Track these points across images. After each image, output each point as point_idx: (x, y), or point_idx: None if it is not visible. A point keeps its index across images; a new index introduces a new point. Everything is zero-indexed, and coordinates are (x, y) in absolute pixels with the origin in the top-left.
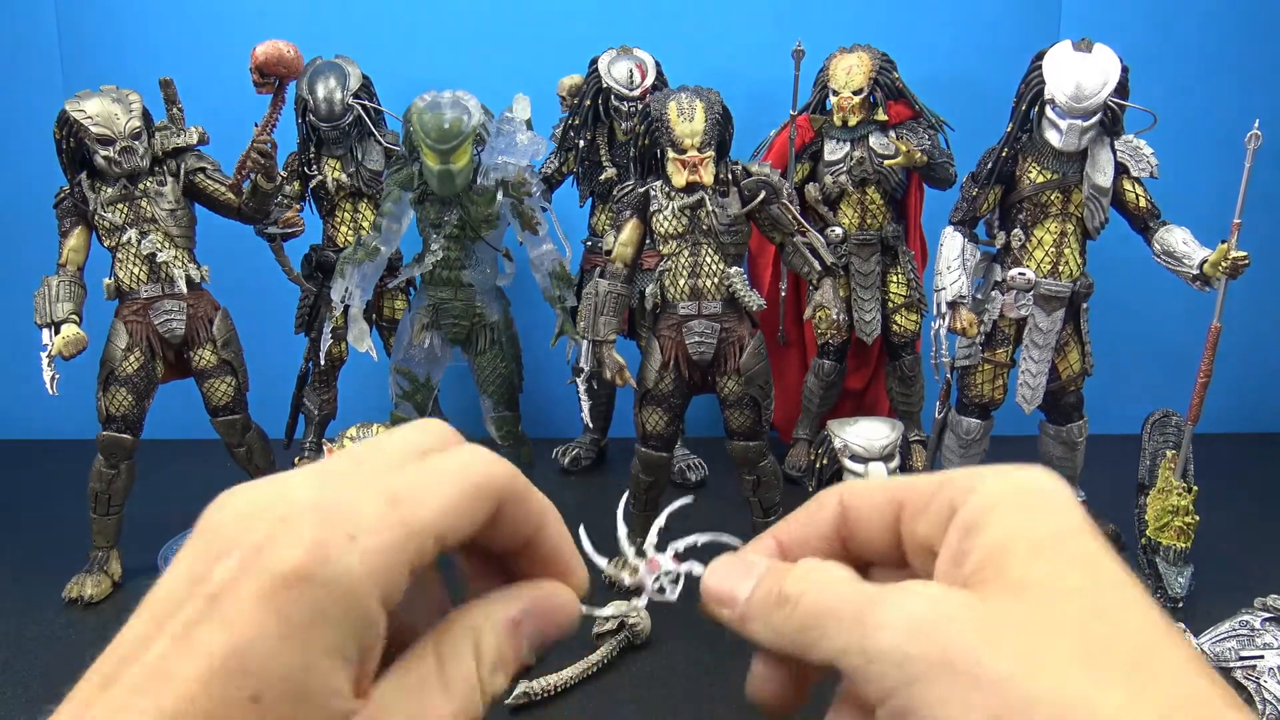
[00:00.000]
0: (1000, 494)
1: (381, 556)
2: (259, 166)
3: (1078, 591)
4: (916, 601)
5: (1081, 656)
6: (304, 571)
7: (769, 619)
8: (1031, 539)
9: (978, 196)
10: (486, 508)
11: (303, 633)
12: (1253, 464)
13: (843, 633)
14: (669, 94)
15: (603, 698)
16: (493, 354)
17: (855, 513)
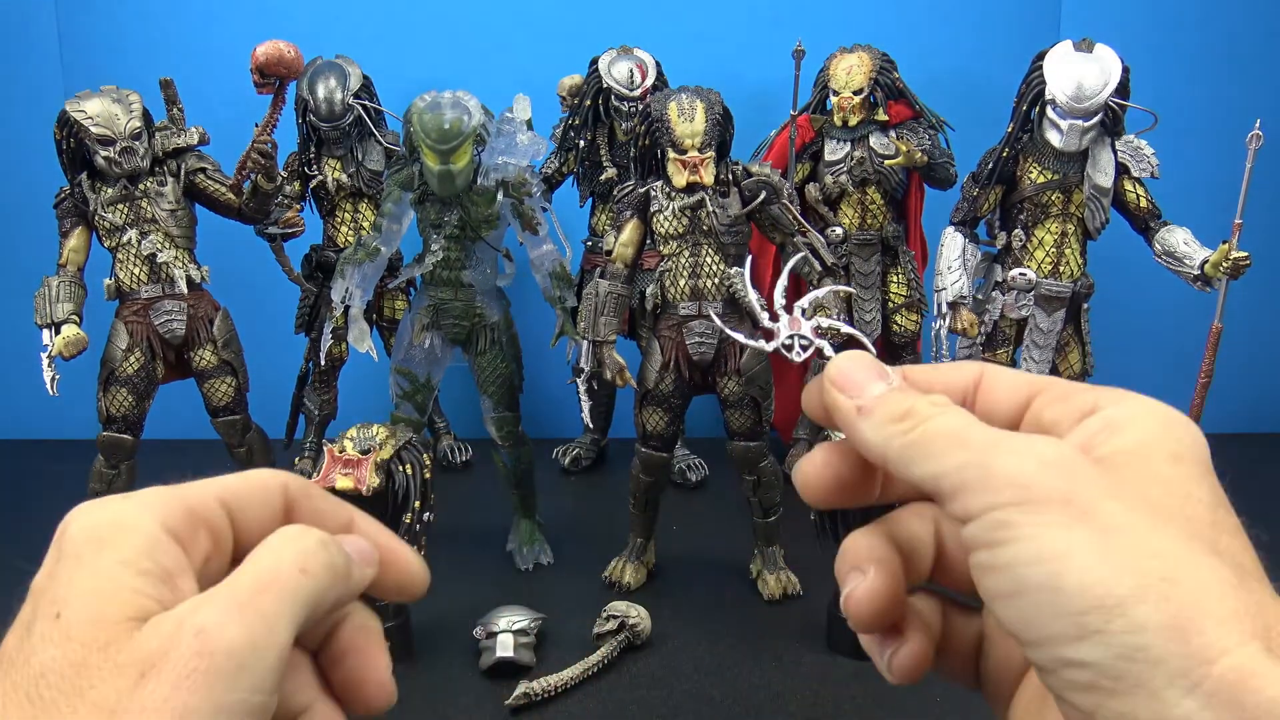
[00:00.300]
0: (1149, 411)
1: (155, 497)
2: (259, 167)
3: (1203, 502)
4: (1051, 446)
5: (1195, 541)
6: (85, 522)
7: (886, 425)
8: (1174, 452)
9: (978, 197)
10: (270, 490)
11: (91, 560)
12: (1254, 464)
13: (967, 454)
14: (669, 94)
15: (603, 698)
16: (493, 354)
17: (992, 384)
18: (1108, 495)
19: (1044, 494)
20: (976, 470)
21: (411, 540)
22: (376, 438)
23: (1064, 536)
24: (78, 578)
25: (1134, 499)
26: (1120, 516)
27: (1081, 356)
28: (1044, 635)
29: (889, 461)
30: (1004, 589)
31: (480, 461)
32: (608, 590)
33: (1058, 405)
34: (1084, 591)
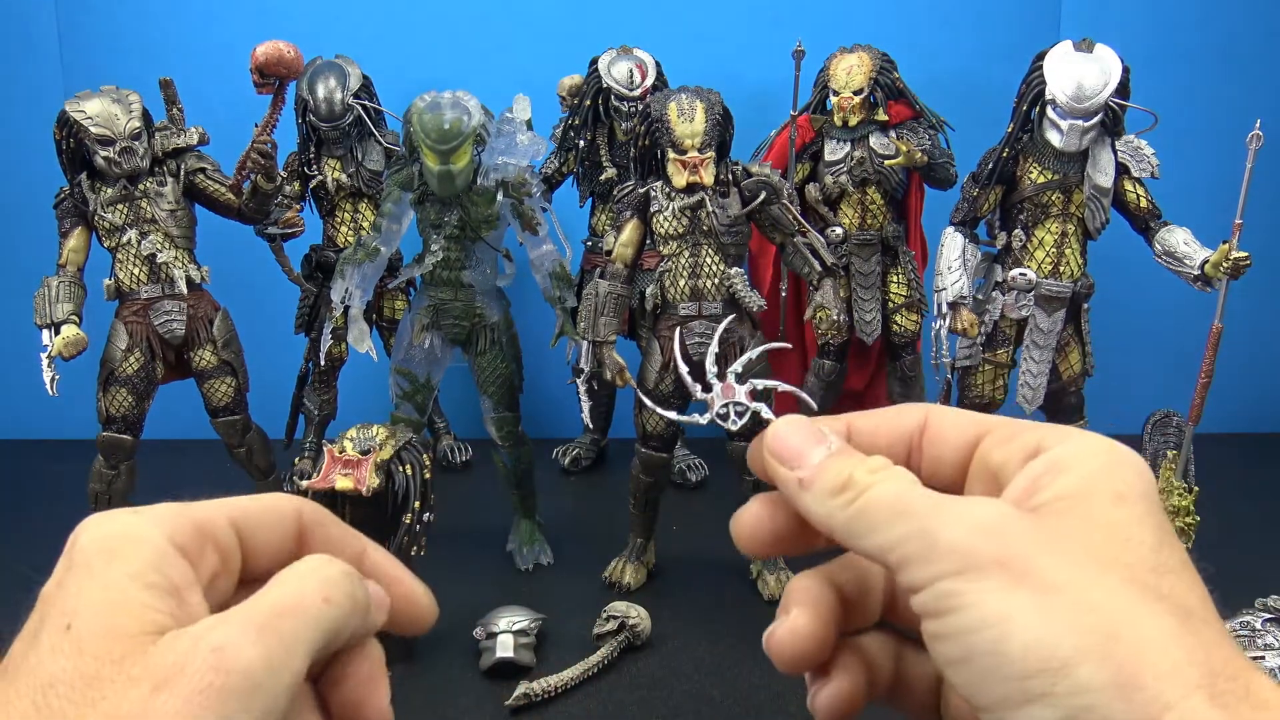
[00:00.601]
0: (1095, 449)
1: (166, 511)
2: (259, 167)
3: (1146, 545)
4: (987, 508)
5: (1139, 589)
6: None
7: (829, 499)
8: (1117, 491)
9: (978, 197)
10: (283, 515)
11: (102, 571)
12: (1254, 464)
13: (906, 525)
14: (669, 94)
15: (603, 699)
16: (493, 354)
17: (938, 427)
18: (1045, 552)
19: (983, 560)
20: (918, 541)
21: (411, 540)
22: (376, 438)
23: (1004, 600)
24: (87, 589)
25: (1073, 551)
26: (1058, 573)
27: (1082, 356)
28: (993, 700)
29: (836, 535)
30: (952, 656)
31: (480, 461)
32: (608, 590)
33: (1004, 446)
34: (1027, 655)
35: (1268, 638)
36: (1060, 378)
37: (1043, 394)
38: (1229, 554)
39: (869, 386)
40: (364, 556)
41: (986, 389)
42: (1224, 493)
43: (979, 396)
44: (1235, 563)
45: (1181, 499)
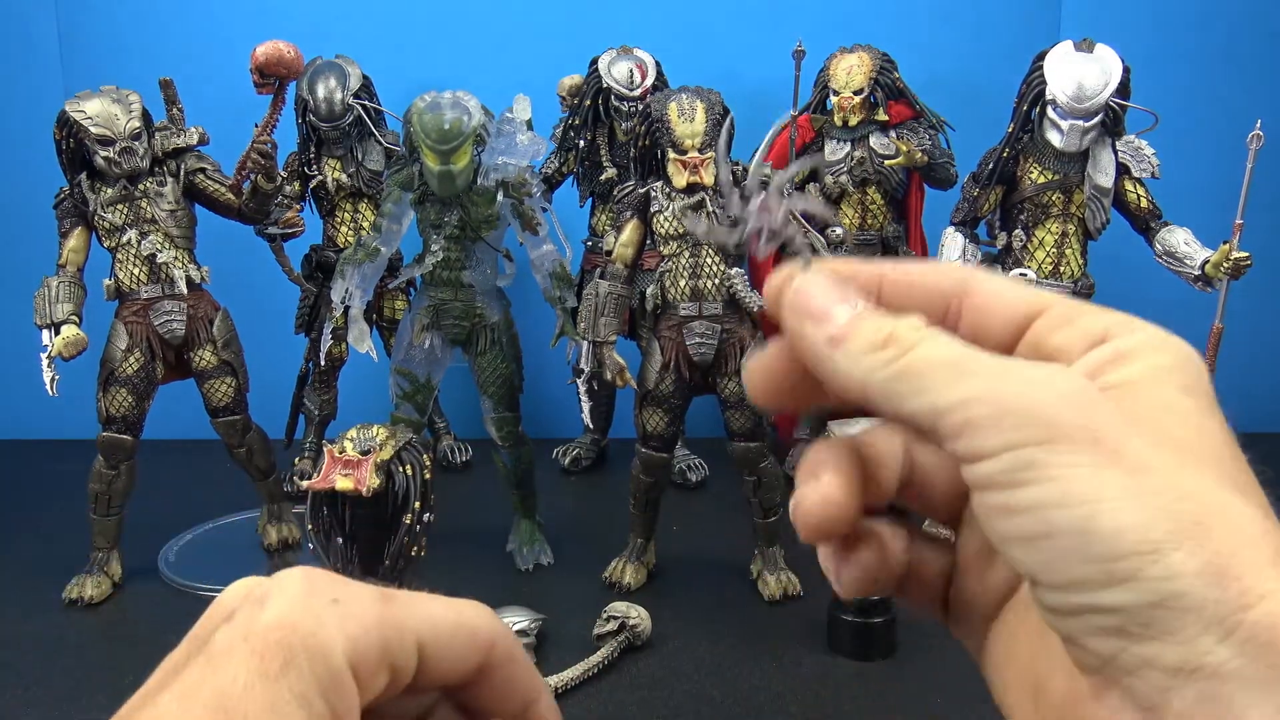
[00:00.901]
0: (1160, 342)
1: (357, 623)
2: (259, 167)
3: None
4: (1068, 376)
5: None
6: (284, 620)
7: (864, 356)
8: (1184, 384)
9: (979, 197)
10: (474, 646)
11: (275, 677)
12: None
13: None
14: (669, 94)
15: (603, 699)
16: (493, 355)
17: (984, 296)
18: (1132, 430)
19: (1071, 430)
20: (987, 406)
21: (412, 540)
22: (376, 438)
23: (1095, 477)
24: (250, 693)
25: (1155, 434)
26: (1147, 455)
27: None
28: (1069, 580)
29: (872, 398)
30: (1026, 532)
31: (480, 462)
32: (608, 590)
33: (1064, 329)
34: (1119, 536)
35: None
36: None
37: None
38: None
39: None
40: (534, 707)
41: None
42: None
43: None
44: None
45: None
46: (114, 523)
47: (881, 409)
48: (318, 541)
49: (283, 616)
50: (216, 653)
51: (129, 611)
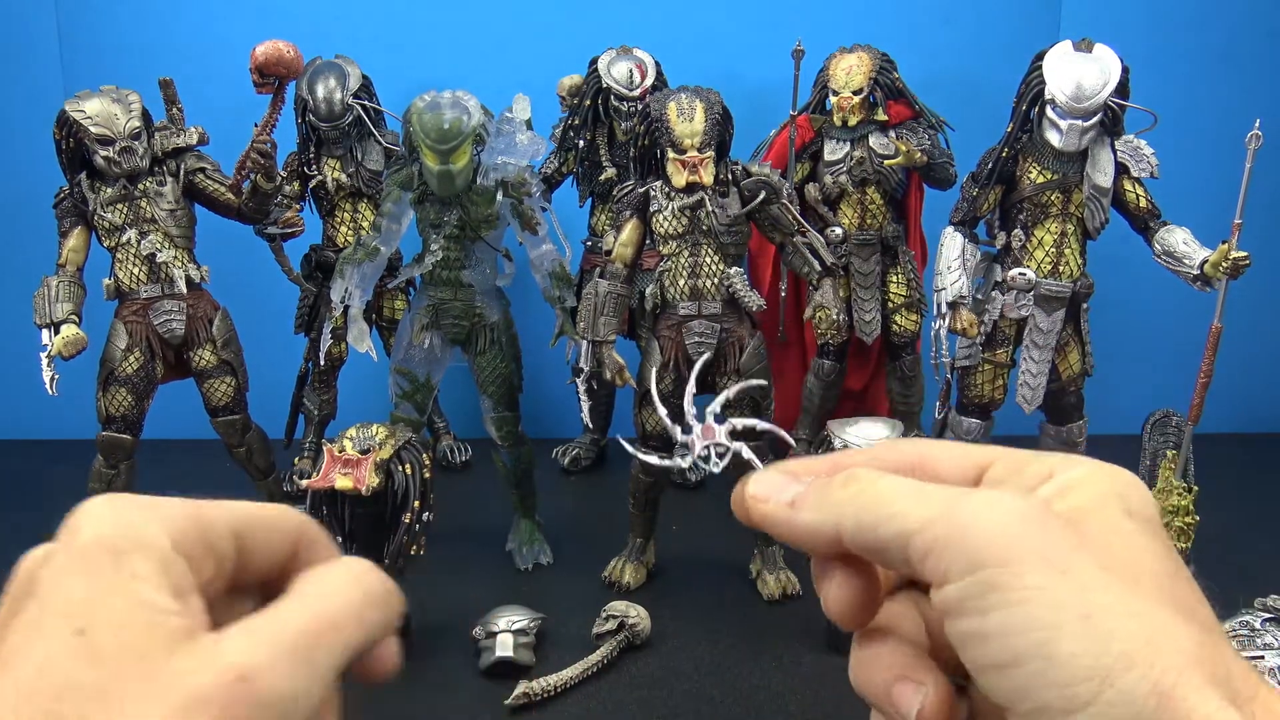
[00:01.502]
0: (1103, 473)
1: (172, 519)
2: (259, 166)
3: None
4: (1018, 498)
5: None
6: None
7: (829, 497)
8: (1126, 509)
9: (978, 197)
10: (283, 532)
11: (112, 571)
12: (1253, 464)
13: (928, 509)
14: (669, 94)
15: (603, 698)
16: (492, 354)
17: (935, 461)
18: (1079, 552)
19: (1023, 552)
20: (947, 527)
21: (411, 540)
22: (376, 437)
23: (1050, 600)
24: (99, 593)
25: (1102, 555)
26: (1094, 576)
27: (1081, 356)
28: (1036, 706)
29: (847, 535)
30: (995, 659)
31: (480, 461)
32: (607, 590)
33: (1013, 479)
34: (1074, 661)
35: (1266, 637)
36: (1060, 377)
37: (1042, 394)
38: (1229, 554)
39: (868, 386)
40: None
41: (986, 389)
42: (1224, 493)
43: (978, 396)
44: (1235, 562)
45: (1181, 499)
46: None
47: (857, 543)
48: None
49: (99, 532)
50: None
51: None
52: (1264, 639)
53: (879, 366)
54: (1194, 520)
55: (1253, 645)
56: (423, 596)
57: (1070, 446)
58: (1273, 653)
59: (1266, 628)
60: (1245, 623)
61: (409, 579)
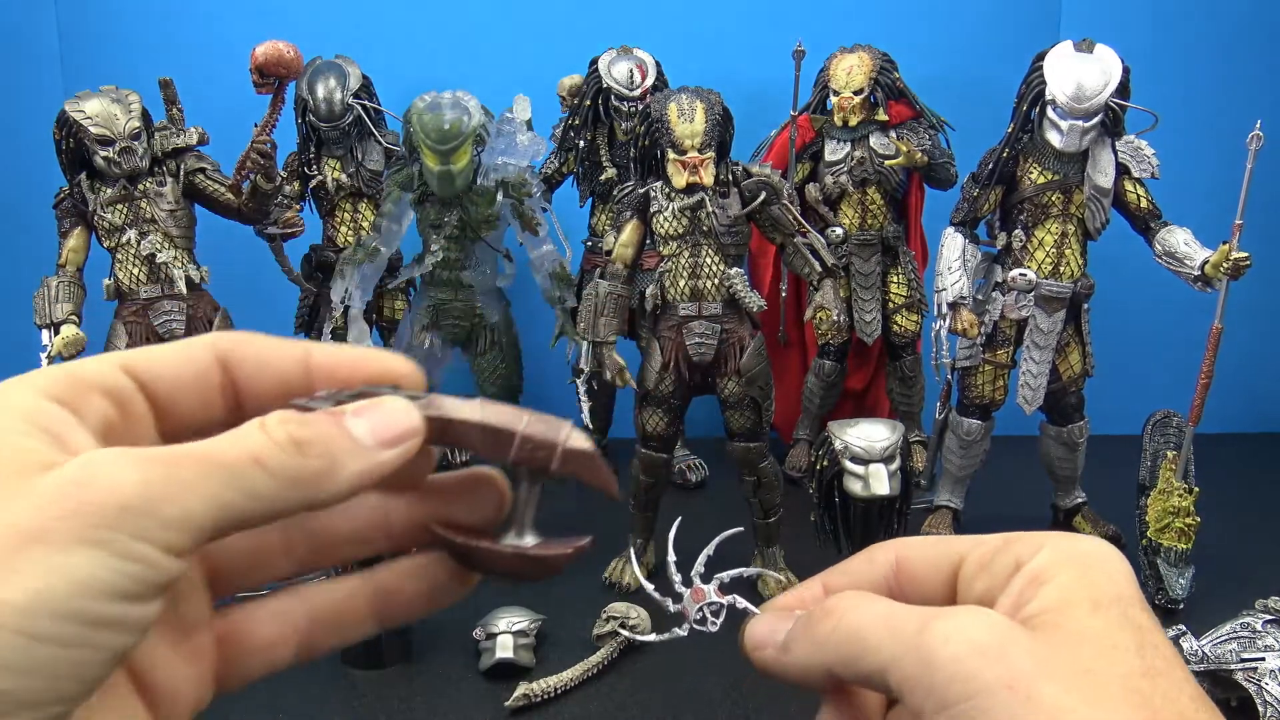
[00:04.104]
0: (1068, 555)
1: (41, 374)
2: (259, 167)
3: (1130, 650)
4: (979, 623)
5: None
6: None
7: (812, 635)
8: (1093, 598)
9: (979, 197)
10: (196, 355)
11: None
12: (1254, 465)
13: (898, 643)
14: (669, 94)
15: (603, 699)
16: (493, 355)
17: (911, 564)
18: (1045, 672)
19: (989, 682)
20: (915, 664)
21: None
22: None
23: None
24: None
25: (1067, 667)
26: (1060, 696)
27: (1082, 357)
28: None
29: (834, 671)
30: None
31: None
32: (608, 591)
33: (984, 575)
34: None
35: (1268, 639)
36: (1060, 378)
37: (1043, 394)
38: (1229, 554)
39: (869, 387)
40: (308, 358)
41: (986, 389)
42: (1224, 493)
43: (979, 397)
44: (1235, 563)
45: (1181, 499)
46: None
47: (849, 679)
48: None
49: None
50: None
51: None
52: (1265, 641)
53: (879, 367)
54: (1195, 521)
55: (1254, 647)
56: None
57: (1071, 447)
58: (1274, 655)
59: (1268, 629)
60: (1246, 624)
61: None
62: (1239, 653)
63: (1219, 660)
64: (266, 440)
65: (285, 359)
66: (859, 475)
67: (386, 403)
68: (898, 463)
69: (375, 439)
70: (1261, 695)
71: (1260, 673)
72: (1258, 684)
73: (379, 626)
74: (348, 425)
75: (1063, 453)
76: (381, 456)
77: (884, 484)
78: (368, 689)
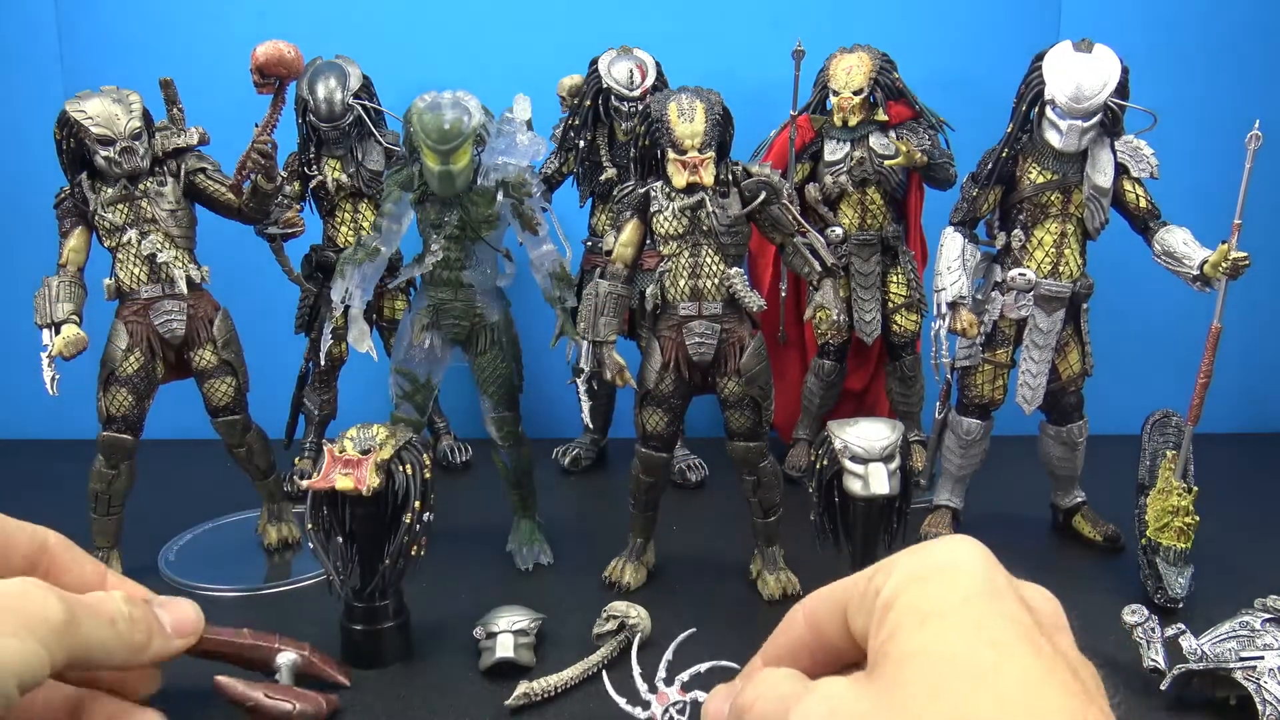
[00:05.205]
0: (907, 572)
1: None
2: (259, 167)
3: (955, 658)
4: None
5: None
6: None
7: None
8: (920, 612)
9: (978, 197)
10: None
11: None
12: (1253, 464)
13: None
14: (669, 94)
15: (603, 698)
16: (493, 354)
17: (816, 617)
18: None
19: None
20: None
21: (411, 540)
22: (376, 438)
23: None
24: None
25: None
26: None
27: (1081, 356)
28: None
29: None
30: None
31: (480, 461)
32: (608, 590)
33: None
34: None
35: (1266, 638)
36: (1060, 378)
37: (1042, 394)
38: (1228, 554)
39: (869, 386)
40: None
41: (986, 389)
42: (1223, 493)
43: (978, 397)
44: (1235, 563)
45: (1181, 499)
46: (114, 522)
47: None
48: (317, 541)
49: None
50: None
51: None
52: (1264, 639)
53: (879, 366)
54: (1194, 520)
55: (1253, 646)
56: (423, 596)
57: (1070, 447)
58: (1273, 653)
59: (1266, 628)
60: (1245, 623)
61: (409, 579)
62: (1238, 651)
63: (1218, 659)
64: (121, 610)
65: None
66: (859, 475)
67: (183, 603)
68: (897, 462)
69: (173, 630)
70: (1260, 694)
71: (1259, 671)
72: (1256, 682)
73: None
74: (158, 613)
75: (1062, 452)
76: (174, 644)
77: (884, 483)
78: (368, 688)
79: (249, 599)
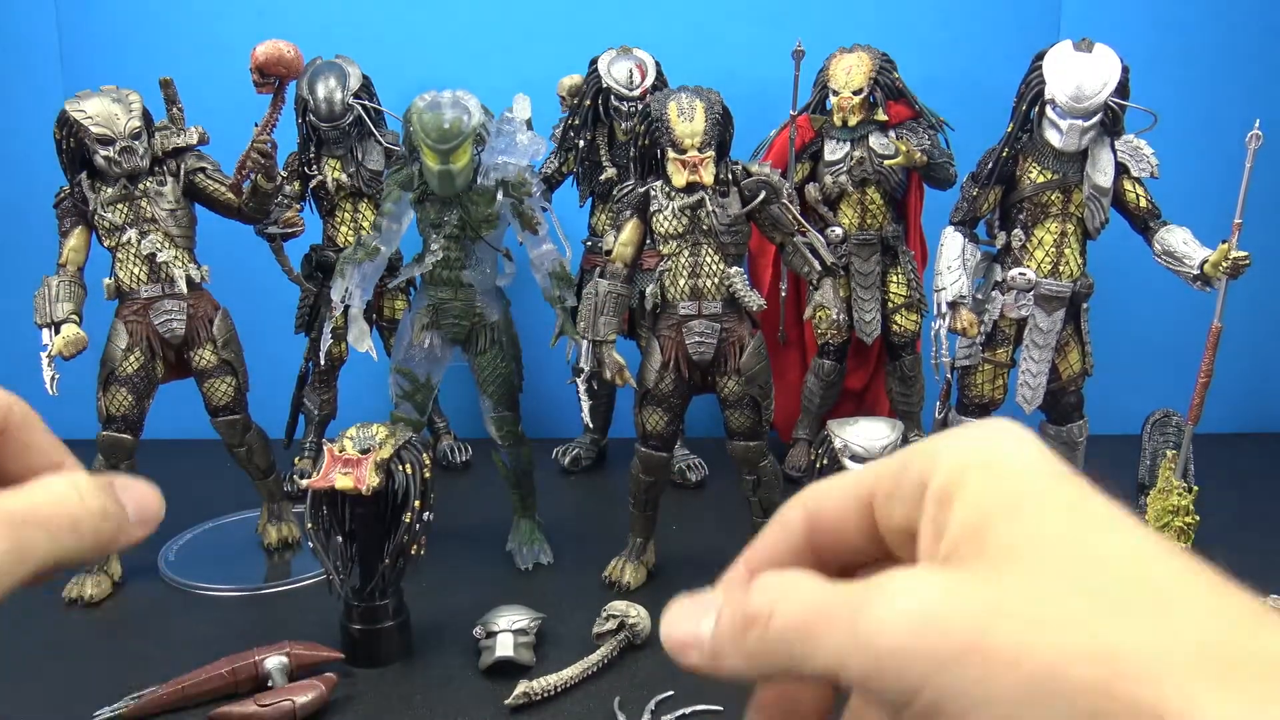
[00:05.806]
0: (963, 460)
1: None
2: (259, 166)
3: (1068, 541)
4: (908, 596)
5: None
6: None
7: (741, 647)
8: (1005, 503)
9: (978, 197)
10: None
11: None
12: (1253, 464)
13: (837, 637)
14: (669, 94)
15: (603, 698)
16: (493, 354)
17: (823, 517)
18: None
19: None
20: (862, 663)
21: (411, 539)
22: (376, 437)
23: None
24: None
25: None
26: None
27: (1081, 356)
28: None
29: (783, 673)
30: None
31: (480, 461)
32: (608, 590)
33: (897, 505)
34: None
35: None
36: (1060, 377)
37: (1042, 394)
38: (1229, 554)
39: (868, 386)
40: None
41: (986, 389)
42: (1224, 493)
43: (978, 396)
44: (1235, 562)
45: (1181, 498)
46: None
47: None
48: (317, 540)
49: None
50: None
51: (129, 611)
52: None
53: (879, 366)
54: (1194, 520)
55: None
56: (423, 596)
57: (1070, 447)
58: None
59: None
60: None
61: (409, 579)
62: None
63: None
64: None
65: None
66: None
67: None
68: None
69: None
70: None
71: None
72: None
73: None
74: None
75: (1062, 452)
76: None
77: None
78: (368, 687)
79: (249, 599)
